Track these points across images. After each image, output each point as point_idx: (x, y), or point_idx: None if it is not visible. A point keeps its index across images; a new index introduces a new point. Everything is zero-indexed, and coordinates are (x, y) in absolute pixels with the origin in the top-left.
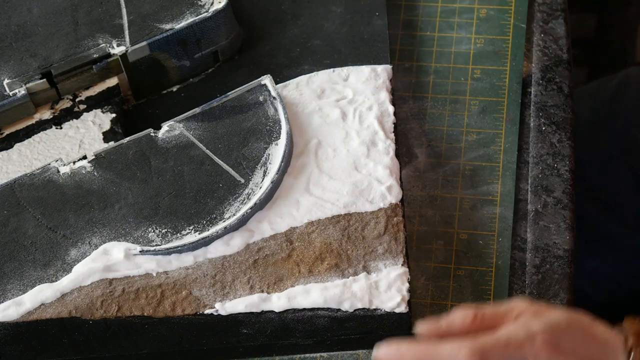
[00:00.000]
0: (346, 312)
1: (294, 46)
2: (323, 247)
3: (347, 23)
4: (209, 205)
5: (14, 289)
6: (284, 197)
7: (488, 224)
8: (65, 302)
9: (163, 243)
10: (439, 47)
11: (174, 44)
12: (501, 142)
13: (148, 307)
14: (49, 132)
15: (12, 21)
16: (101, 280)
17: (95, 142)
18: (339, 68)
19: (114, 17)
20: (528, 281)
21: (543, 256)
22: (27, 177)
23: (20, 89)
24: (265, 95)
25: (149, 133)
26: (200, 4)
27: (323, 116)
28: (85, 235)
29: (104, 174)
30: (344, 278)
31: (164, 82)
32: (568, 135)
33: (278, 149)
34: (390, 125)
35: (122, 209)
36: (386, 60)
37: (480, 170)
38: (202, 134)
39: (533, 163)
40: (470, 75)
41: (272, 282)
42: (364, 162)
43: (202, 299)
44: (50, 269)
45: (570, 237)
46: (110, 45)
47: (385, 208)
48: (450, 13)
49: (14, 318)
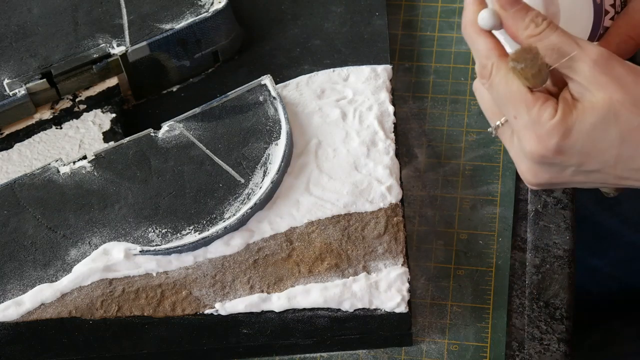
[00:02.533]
0: (346, 312)
1: (294, 46)
2: (323, 247)
3: (347, 23)
4: (209, 205)
5: (14, 289)
6: (284, 197)
7: (488, 224)
8: (65, 302)
9: (163, 243)
10: (439, 47)
11: (174, 44)
12: (501, 142)
13: (148, 307)
14: (49, 132)
15: (12, 21)
16: (101, 280)
17: (95, 142)
18: (339, 68)
19: (114, 17)
20: (528, 281)
21: (543, 256)
22: (27, 177)
23: (20, 89)
24: (265, 95)
25: (149, 133)
26: (200, 4)
27: (323, 116)
28: (85, 235)
29: (104, 174)
30: (344, 278)
31: (164, 82)
32: None
33: (278, 149)
34: (390, 125)
35: (122, 209)
36: (386, 60)
37: (480, 170)
38: (202, 134)
39: None
40: (470, 75)
41: (272, 282)
42: (364, 162)
43: (202, 299)
44: (50, 269)
45: (570, 237)
46: (110, 45)
47: (385, 208)
48: (450, 13)
49: (14, 318)
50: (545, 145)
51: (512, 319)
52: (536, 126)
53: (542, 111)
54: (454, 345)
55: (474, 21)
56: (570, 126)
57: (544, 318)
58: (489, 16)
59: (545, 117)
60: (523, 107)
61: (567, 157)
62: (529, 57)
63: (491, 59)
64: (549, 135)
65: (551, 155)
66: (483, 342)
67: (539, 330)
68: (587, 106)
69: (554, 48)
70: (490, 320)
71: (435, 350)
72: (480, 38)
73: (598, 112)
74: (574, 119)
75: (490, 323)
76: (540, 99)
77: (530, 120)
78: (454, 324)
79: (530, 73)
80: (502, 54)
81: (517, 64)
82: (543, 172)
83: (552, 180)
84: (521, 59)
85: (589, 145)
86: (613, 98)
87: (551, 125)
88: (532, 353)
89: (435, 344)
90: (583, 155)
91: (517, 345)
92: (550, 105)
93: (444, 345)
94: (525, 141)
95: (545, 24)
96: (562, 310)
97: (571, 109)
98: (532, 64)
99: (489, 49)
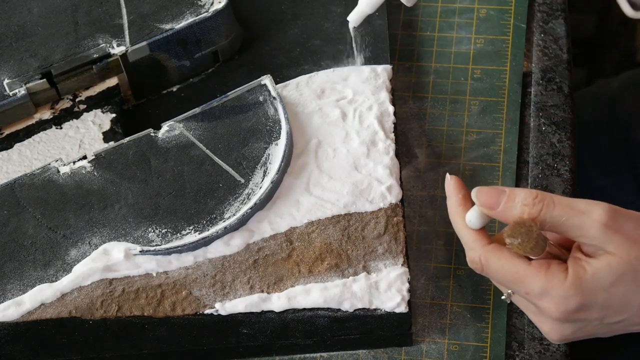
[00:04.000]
0: (346, 312)
1: (294, 46)
2: (323, 247)
3: (347, 23)
4: (209, 205)
5: (14, 289)
6: (284, 197)
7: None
8: (65, 302)
9: (163, 243)
10: (439, 47)
11: (174, 44)
12: (501, 142)
13: (148, 307)
14: (49, 132)
15: (12, 21)
16: (101, 280)
17: (95, 142)
18: (339, 68)
19: (114, 17)
20: None
21: None
22: (27, 177)
23: (20, 89)
24: (265, 95)
25: (149, 133)
26: (200, 4)
27: (323, 116)
28: (85, 235)
29: (104, 174)
30: (344, 278)
31: (164, 82)
32: (568, 135)
33: (278, 149)
34: (390, 125)
35: (122, 209)
36: (386, 60)
37: (480, 170)
38: (202, 134)
39: (533, 163)
40: (470, 75)
41: (272, 282)
42: (364, 162)
43: (202, 299)
44: (50, 269)
45: None
46: (110, 45)
47: (385, 208)
48: (450, 13)
49: (14, 318)
50: (566, 307)
51: (512, 319)
52: (550, 293)
53: (550, 277)
54: (454, 345)
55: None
56: (586, 284)
57: None
58: (477, 217)
59: (556, 283)
60: (529, 282)
61: (589, 313)
62: (524, 231)
63: (477, 251)
64: (567, 297)
65: (573, 314)
66: (483, 342)
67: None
68: (604, 264)
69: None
70: (490, 320)
71: (435, 350)
72: (463, 230)
73: (617, 269)
74: (589, 277)
75: (490, 323)
76: (542, 266)
77: (543, 290)
78: (454, 324)
79: (529, 246)
80: (486, 243)
81: (514, 240)
82: (566, 328)
83: (576, 335)
84: (517, 234)
85: (609, 301)
86: (631, 255)
87: (566, 287)
88: (532, 353)
89: (435, 344)
90: (605, 309)
91: (517, 345)
92: (557, 269)
93: (444, 345)
94: (544, 309)
95: (539, 204)
96: None
97: (585, 267)
98: (528, 237)
99: (473, 241)
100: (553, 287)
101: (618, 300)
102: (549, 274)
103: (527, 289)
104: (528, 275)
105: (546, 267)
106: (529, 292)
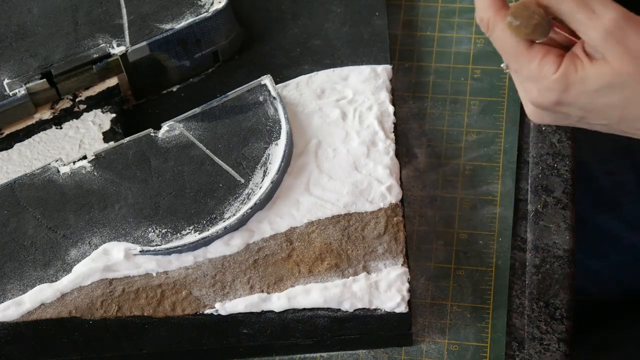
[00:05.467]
0: (346, 312)
1: (294, 46)
2: (323, 247)
3: (347, 23)
4: (209, 205)
5: (14, 289)
6: (284, 197)
7: (488, 224)
8: (65, 302)
9: (163, 243)
10: (439, 47)
11: (174, 44)
12: (501, 142)
13: (148, 307)
14: (49, 132)
15: (12, 21)
16: (101, 280)
17: (95, 142)
18: (339, 68)
19: (114, 17)
20: (528, 281)
21: (543, 256)
22: (27, 177)
23: (20, 89)
24: (265, 95)
25: (149, 133)
26: (200, 4)
27: (323, 116)
28: (85, 235)
29: (104, 174)
30: (344, 278)
31: (164, 82)
32: (568, 135)
33: (278, 149)
34: (390, 125)
35: (122, 209)
36: (386, 60)
37: (480, 170)
38: (202, 134)
39: (533, 163)
40: (470, 75)
41: (272, 282)
42: (364, 162)
43: (202, 299)
44: (50, 269)
45: (570, 237)
46: (110, 45)
47: (385, 208)
48: (450, 13)
49: (14, 318)
50: (545, 99)
51: (512, 319)
52: (537, 79)
53: (542, 65)
54: (454, 345)
55: None
56: (571, 83)
57: (544, 318)
58: None
59: (546, 72)
60: (522, 62)
61: (568, 110)
62: (526, 15)
63: (487, 13)
64: (549, 90)
65: (551, 107)
66: (483, 342)
67: (539, 330)
68: (595, 70)
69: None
70: (490, 320)
71: (435, 350)
72: None
73: (605, 79)
74: (577, 78)
75: (490, 323)
76: (539, 52)
77: (531, 74)
78: (454, 324)
79: (524, 32)
80: (499, 8)
81: (514, 20)
82: (546, 116)
83: (556, 122)
84: (518, 16)
85: (590, 106)
86: (623, 70)
87: (552, 80)
88: (532, 353)
89: (435, 344)
90: (585, 111)
91: (517, 345)
92: (551, 60)
93: (444, 345)
94: (527, 91)
95: None
96: (562, 310)
97: (577, 67)
98: (527, 22)
99: (487, 3)
100: (540, 76)
101: (598, 108)
102: (542, 62)
103: (518, 65)
104: (523, 55)
105: (542, 54)
106: (517, 71)
